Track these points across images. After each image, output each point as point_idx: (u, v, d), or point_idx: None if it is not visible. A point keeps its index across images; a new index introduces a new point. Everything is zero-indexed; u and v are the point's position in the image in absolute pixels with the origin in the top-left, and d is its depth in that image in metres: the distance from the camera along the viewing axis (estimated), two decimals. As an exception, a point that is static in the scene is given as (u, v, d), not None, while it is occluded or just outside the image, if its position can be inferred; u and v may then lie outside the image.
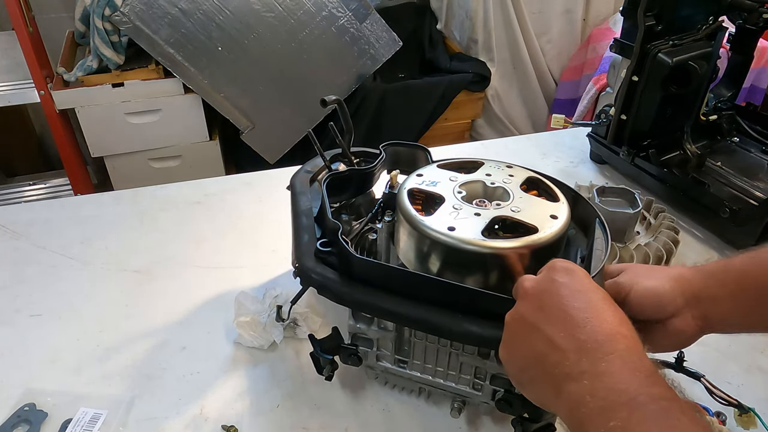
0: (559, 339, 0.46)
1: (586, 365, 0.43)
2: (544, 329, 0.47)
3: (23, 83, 2.07)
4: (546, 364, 0.46)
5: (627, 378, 0.42)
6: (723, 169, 1.07)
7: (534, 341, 0.48)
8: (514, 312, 0.51)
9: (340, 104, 0.74)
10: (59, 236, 1.00)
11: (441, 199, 0.62)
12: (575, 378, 0.43)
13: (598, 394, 0.42)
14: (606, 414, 0.41)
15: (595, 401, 0.41)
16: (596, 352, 0.44)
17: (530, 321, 0.49)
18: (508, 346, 0.51)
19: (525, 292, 0.51)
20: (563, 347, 0.45)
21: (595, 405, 0.41)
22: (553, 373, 0.45)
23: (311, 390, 0.74)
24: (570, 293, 0.48)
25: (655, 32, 1.00)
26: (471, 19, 2.52)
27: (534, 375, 0.48)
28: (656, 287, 0.59)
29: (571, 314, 0.46)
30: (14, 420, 0.69)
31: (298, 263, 0.64)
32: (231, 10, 1.97)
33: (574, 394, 0.43)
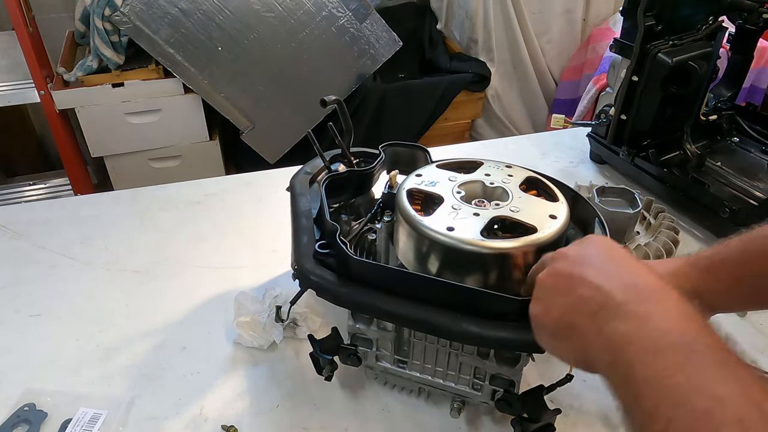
0: (605, 282, 0.43)
1: (635, 306, 0.41)
2: (586, 276, 0.45)
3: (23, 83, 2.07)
4: (588, 306, 0.44)
5: (684, 324, 0.39)
6: (723, 169, 1.07)
7: (575, 289, 0.45)
8: (550, 270, 0.49)
9: (339, 104, 0.74)
10: (59, 236, 1.00)
11: (440, 199, 0.62)
12: (622, 317, 0.41)
13: (650, 335, 0.39)
14: (659, 355, 0.38)
15: (646, 342, 0.39)
16: (648, 296, 0.42)
17: (570, 273, 0.47)
18: (542, 302, 0.49)
19: (563, 254, 0.49)
20: (609, 289, 0.43)
21: (647, 345, 0.39)
22: (595, 314, 0.43)
23: (311, 390, 0.74)
24: (614, 254, 0.47)
25: (655, 32, 1.00)
26: (471, 19, 2.52)
27: (573, 321, 0.45)
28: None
29: (620, 264, 0.45)
30: (14, 420, 0.69)
31: (297, 265, 0.64)
32: (231, 10, 1.97)
33: (622, 334, 0.41)
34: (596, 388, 0.75)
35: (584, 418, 0.71)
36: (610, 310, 0.42)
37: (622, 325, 0.41)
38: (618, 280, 0.44)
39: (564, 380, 0.64)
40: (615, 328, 0.41)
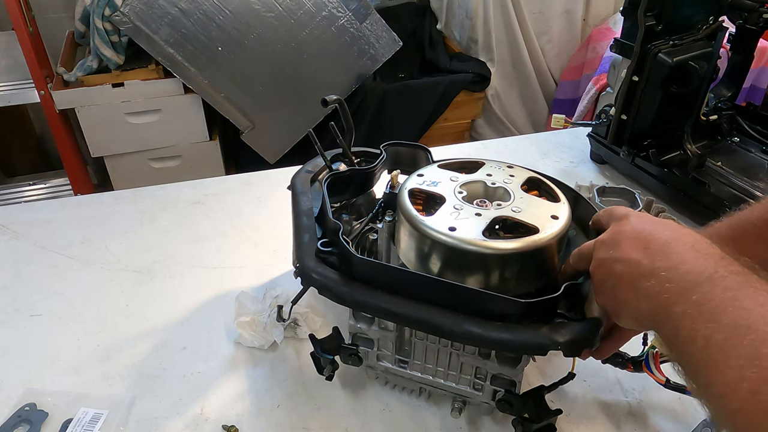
0: (633, 255, 0.50)
1: (659, 263, 0.48)
2: (619, 256, 0.51)
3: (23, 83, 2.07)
4: (625, 279, 0.50)
5: (702, 261, 0.46)
6: (723, 169, 1.07)
7: (614, 269, 0.52)
8: (595, 261, 0.55)
9: (341, 104, 0.74)
10: (59, 236, 1.00)
11: (442, 199, 0.62)
12: (652, 275, 0.48)
13: (676, 279, 0.46)
14: (688, 291, 0.45)
15: (675, 285, 0.46)
16: (666, 250, 0.48)
17: (608, 258, 0.53)
18: (602, 293, 0.55)
19: (601, 242, 0.55)
20: (637, 259, 0.49)
21: (676, 287, 0.45)
22: (633, 283, 0.49)
23: (312, 390, 0.74)
24: (637, 227, 0.52)
25: (656, 32, 1.00)
26: (471, 19, 2.52)
27: (622, 297, 0.51)
28: None
29: (640, 236, 0.51)
30: (15, 420, 0.69)
31: (299, 263, 0.64)
32: (231, 10, 1.97)
33: (655, 286, 0.47)
34: (597, 388, 0.75)
35: (585, 418, 0.71)
36: (641, 274, 0.49)
37: (653, 282, 0.47)
38: (642, 247, 0.50)
39: (565, 379, 0.64)
40: (648, 286, 0.48)
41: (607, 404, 0.73)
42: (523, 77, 2.63)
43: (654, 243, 0.50)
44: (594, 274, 0.55)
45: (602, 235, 0.56)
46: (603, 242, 0.55)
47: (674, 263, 0.47)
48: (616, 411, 0.72)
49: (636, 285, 0.49)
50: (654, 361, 0.67)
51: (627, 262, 0.51)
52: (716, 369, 0.41)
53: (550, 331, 0.54)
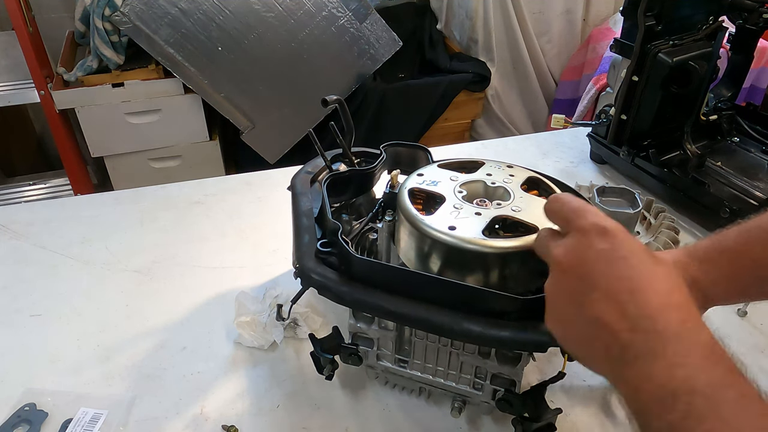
0: (607, 317, 0.41)
1: (639, 346, 0.39)
2: (589, 306, 0.42)
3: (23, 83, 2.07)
4: (598, 345, 0.42)
5: (683, 360, 0.37)
6: (723, 169, 1.07)
7: (580, 320, 0.43)
8: (553, 282, 0.47)
9: (341, 104, 0.74)
10: (59, 236, 1.00)
11: (442, 198, 0.62)
12: (630, 363, 0.39)
13: (654, 380, 0.38)
14: (664, 404, 0.37)
15: (652, 389, 0.38)
16: (648, 330, 0.39)
17: (572, 294, 0.44)
18: (555, 320, 0.47)
19: (558, 261, 0.46)
20: (613, 326, 0.41)
21: (652, 394, 0.38)
22: (607, 356, 0.41)
23: (311, 390, 0.74)
24: (612, 261, 0.43)
25: (655, 32, 1.00)
26: (471, 19, 2.52)
27: (589, 356, 0.45)
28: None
29: (616, 287, 0.41)
30: (14, 420, 0.69)
31: (298, 264, 0.64)
32: (231, 10, 1.97)
33: (633, 379, 0.39)
34: (597, 388, 0.75)
35: (585, 417, 0.71)
36: (618, 352, 0.40)
37: (630, 372, 0.39)
38: (620, 310, 0.41)
39: (556, 377, 0.64)
40: (626, 375, 0.40)
41: (607, 404, 0.73)
42: (523, 77, 2.64)
43: (640, 307, 0.40)
44: (549, 295, 0.47)
45: (561, 249, 0.46)
46: (561, 264, 0.46)
47: (654, 354, 0.38)
48: (616, 412, 0.72)
49: (611, 360, 0.41)
50: None
51: (602, 325, 0.41)
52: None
53: None
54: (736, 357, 0.39)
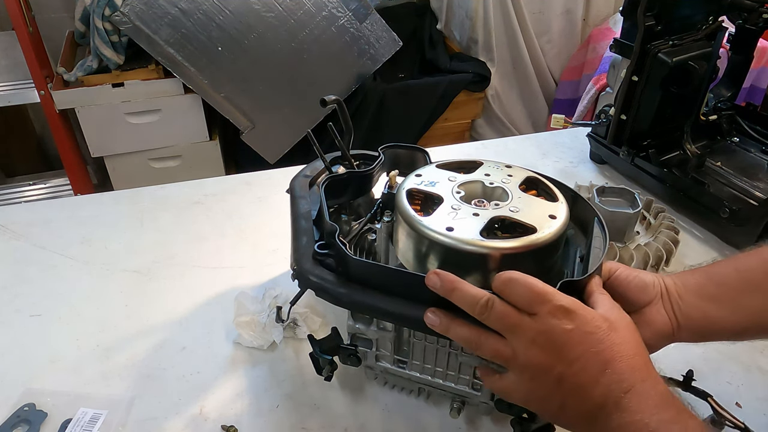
0: (586, 386, 0.48)
1: (611, 405, 0.47)
2: (568, 379, 0.49)
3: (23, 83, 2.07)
4: (576, 409, 0.49)
5: (642, 408, 0.47)
6: (723, 169, 1.07)
7: (559, 392, 0.50)
8: (526, 365, 0.51)
9: (339, 104, 0.74)
10: (59, 236, 1.00)
11: (439, 199, 0.61)
12: (604, 418, 0.48)
13: (622, 428, 0.47)
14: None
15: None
16: (618, 391, 0.47)
17: (548, 371, 0.50)
18: (534, 398, 0.52)
19: (525, 335, 0.51)
20: (590, 392, 0.48)
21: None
22: (584, 416, 0.49)
23: (311, 390, 0.74)
24: (581, 339, 0.49)
25: (655, 32, 1.00)
26: (471, 19, 2.52)
27: (567, 419, 0.51)
28: (640, 272, 0.61)
29: (590, 361, 0.48)
30: (14, 420, 0.69)
31: (296, 266, 0.64)
32: (231, 10, 1.97)
33: (605, 429, 0.48)
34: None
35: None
36: (596, 411, 0.48)
37: (604, 423, 0.48)
38: (594, 379, 0.48)
39: None
40: (598, 426, 0.49)
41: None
42: (523, 77, 2.64)
43: (605, 377, 0.48)
44: (524, 375, 0.52)
45: (529, 335, 0.50)
46: (533, 349, 0.51)
47: (623, 411, 0.47)
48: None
49: (584, 415, 0.49)
50: None
51: (576, 391, 0.49)
52: None
53: None
54: (686, 402, 0.49)
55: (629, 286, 0.60)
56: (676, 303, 0.59)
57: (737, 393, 0.73)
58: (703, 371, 0.73)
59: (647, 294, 0.60)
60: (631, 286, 0.60)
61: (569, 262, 0.65)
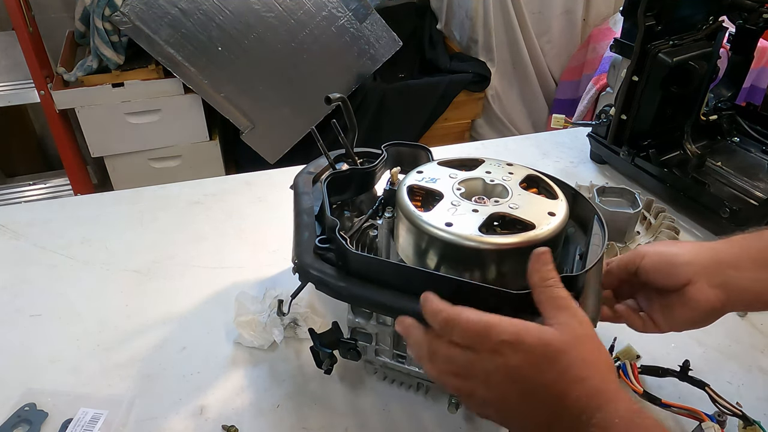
0: (548, 422, 0.47)
1: (584, 422, 0.45)
2: (528, 418, 0.48)
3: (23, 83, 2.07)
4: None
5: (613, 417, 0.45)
6: (723, 169, 1.07)
7: (523, 423, 0.49)
8: (481, 397, 0.50)
9: (344, 102, 0.74)
10: (59, 236, 1.00)
11: (440, 195, 0.62)
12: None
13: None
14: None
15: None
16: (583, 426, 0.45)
17: (507, 407, 0.49)
18: (500, 420, 0.51)
19: (476, 377, 0.49)
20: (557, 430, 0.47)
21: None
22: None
23: (311, 390, 0.74)
24: (530, 372, 0.47)
25: (655, 32, 1.00)
26: (471, 19, 2.52)
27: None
28: (671, 252, 0.58)
29: (546, 396, 0.46)
30: (14, 420, 0.69)
31: (297, 259, 0.64)
32: (231, 10, 1.97)
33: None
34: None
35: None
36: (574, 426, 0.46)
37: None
38: (553, 411, 0.46)
39: None
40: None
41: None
42: (523, 77, 2.64)
43: (581, 401, 0.46)
44: (464, 397, 0.51)
45: (481, 377, 0.49)
46: (490, 392, 0.49)
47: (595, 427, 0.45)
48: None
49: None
50: (632, 370, 0.68)
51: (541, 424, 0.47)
52: None
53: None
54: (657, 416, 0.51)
55: (655, 275, 0.59)
56: (727, 276, 0.56)
57: (737, 393, 0.73)
58: (703, 371, 0.73)
59: (679, 277, 0.58)
60: (657, 276, 0.58)
61: (569, 259, 0.65)
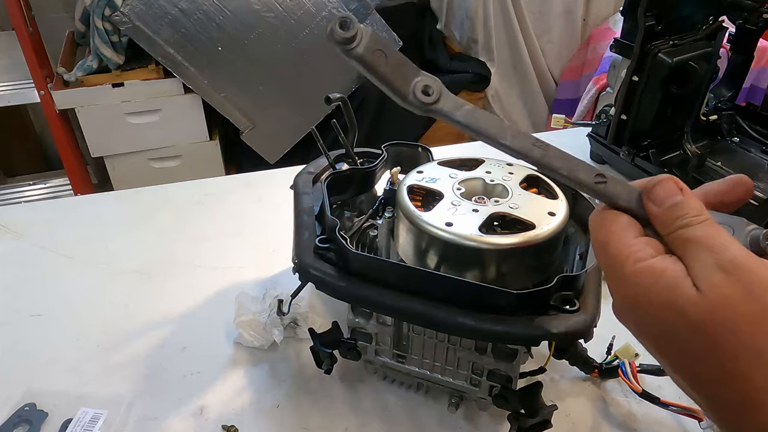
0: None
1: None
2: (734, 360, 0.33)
3: (23, 83, 2.07)
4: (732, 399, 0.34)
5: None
6: (723, 169, 1.07)
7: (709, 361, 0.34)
8: (683, 304, 0.34)
9: (344, 102, 0.74)
10: (59, 236, 1.00)
11: (440, 195, 0.62)
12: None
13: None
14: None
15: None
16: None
17: (708, 337, 0.34)
18: (657, 343, 0.37)
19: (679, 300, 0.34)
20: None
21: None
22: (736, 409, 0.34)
23: (312, 390, 0.74)
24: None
25: (655, 32, 1.00)
26: (471, 19, 2.52)
27: (704, 392, 0.36)
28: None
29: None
30: (14, 420, 0.69)
31: (297, 260, 0.64)
32: (231, 10, 1.97)
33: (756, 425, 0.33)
34: (595, 383, 0.75)
35: (582, 414, 0.71)
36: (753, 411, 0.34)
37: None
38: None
39: (537, 371, 0.66)
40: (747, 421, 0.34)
41: (606, 403, 0.73)
42: (523, 77, 2.64)
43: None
44: (650, 324, 0.36)
45: (723, 282, 0.33)
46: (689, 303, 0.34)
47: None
48: (614, 410, 0.72)
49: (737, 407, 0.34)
50: (631, 369, 0.68)
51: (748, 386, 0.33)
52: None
53: (544, 322, 0.54)
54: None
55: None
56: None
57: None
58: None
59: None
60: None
61: (569, 260, 0.65)
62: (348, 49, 0.37)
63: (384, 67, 0.37)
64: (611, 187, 0.39)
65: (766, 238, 0.35)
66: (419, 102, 0.38)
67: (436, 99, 0.38)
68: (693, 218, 0.36)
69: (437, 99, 0.38)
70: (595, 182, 0.39)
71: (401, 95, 0.38)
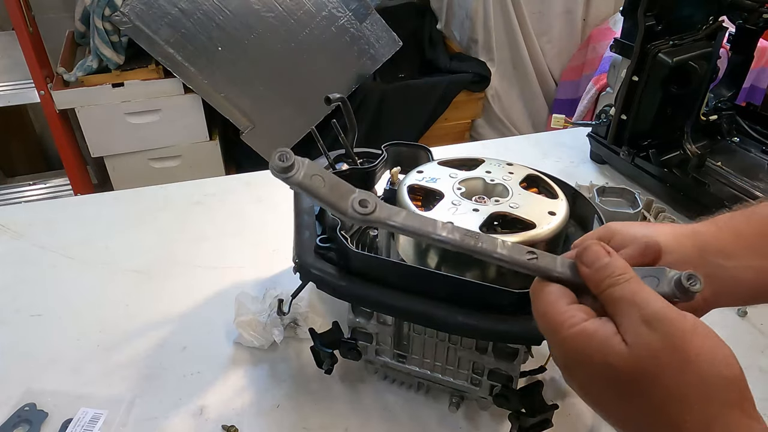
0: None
1: None
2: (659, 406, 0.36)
3: (23, 83, 2.07)
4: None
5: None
6: (723, 169, 1.07)
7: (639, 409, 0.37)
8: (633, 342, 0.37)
9: (344, 102, 0.74)
10: (59, 236, 1.00)
11: (440, 195, 0.62)
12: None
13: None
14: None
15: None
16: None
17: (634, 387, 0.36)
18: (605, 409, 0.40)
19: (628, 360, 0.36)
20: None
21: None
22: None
23: (311, 389, 0.74)
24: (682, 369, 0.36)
25: (655, 32, 1.00)
26: (471, 19, 2.52)
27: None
28: (646, 234, 0.46)
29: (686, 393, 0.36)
30: (14, 420, 0.69)
31: (298, 259, 0.64)
32: (231, 10, 1.97)
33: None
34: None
35: (582, 413, 0.71)
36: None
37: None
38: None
39: (537, 370, 0.66)
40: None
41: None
42: (523, 77, 2.64)
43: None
44: (578, 376, 0.40)
45: (635, 334, 0.36)
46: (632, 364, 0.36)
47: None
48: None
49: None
50: None
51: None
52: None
53: None
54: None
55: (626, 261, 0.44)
56: (715, 266, 0.46)
57: (738, 392, 0.73)
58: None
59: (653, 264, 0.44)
60: (629, 263, 0.42)
61: (570, 260, 0.65)
62: (287, 177, 0.41)
63: (323, 189, 0.42)
64: (543, 262, 0.43)
65: (687, 279, 0.39)
66: (358, 214, 0.42)
67: (372, 210, 0.42)
68: (619, 276, 0.40)
69: (373, 210, 0.42)
70: (528, 259, 0.43)
71: (341, 210, 0.42)
